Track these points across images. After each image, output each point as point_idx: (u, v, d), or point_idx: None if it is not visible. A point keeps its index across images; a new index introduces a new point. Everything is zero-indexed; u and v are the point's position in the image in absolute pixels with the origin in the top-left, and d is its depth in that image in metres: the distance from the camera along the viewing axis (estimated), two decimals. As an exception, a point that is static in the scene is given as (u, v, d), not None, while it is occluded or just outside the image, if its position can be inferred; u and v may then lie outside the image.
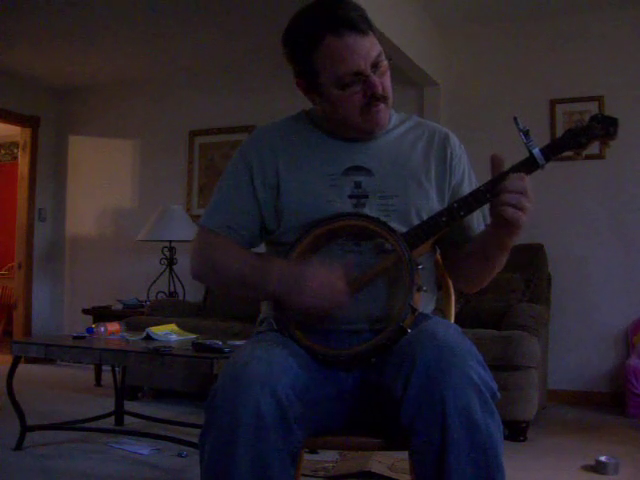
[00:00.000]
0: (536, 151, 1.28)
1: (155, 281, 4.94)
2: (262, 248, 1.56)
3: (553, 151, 1.29)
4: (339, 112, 1.39)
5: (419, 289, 1.28)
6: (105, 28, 4.43)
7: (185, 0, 3.98)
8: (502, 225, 1.26)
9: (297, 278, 1.29)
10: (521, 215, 1.22)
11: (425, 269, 1.38)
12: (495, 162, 1.29)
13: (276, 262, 1.36)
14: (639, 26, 4.06)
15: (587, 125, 1.30)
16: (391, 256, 1.32)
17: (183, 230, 4.67)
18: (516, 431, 3.15)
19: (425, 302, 1.45)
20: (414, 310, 1.27)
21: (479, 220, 1.47)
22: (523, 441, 3.15)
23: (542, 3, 4.08)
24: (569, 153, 1.32)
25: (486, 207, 1.32)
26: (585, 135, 1.29)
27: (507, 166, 1.30)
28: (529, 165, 1.28)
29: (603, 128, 1.29)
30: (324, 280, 1.28)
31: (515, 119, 1.29)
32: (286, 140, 1.47)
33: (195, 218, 4.90)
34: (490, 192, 1.28)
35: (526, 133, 1.28)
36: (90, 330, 3.21)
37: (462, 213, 1.32)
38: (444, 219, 1.32)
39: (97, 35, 4.56)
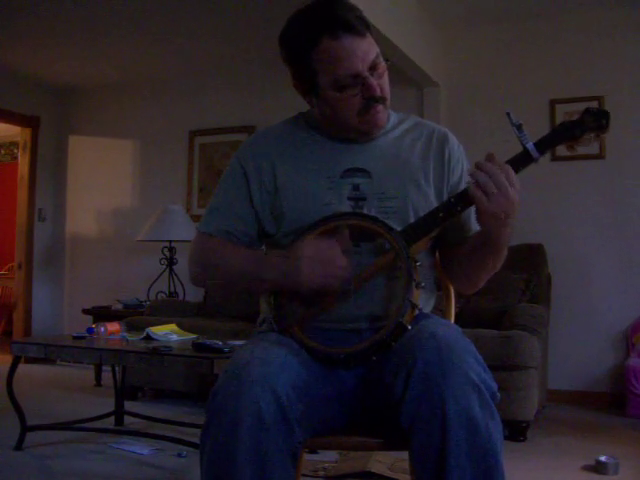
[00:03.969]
0: (529, 145, 1.28)
1: (155, 281, 4.94)
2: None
3: (547, 144, 1.29)
4: (337, 114, 1.38)
5: (418, 285, 1.28)
6: (105, 28, 4.43)
7: (185, 1, 3.98)
8: (478, 214, 1.26)
9: (293, 259, 1.29)
10: (481, 195, 1.22)
11: (424, 267, 1.38)
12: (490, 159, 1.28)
13: (272, 252, 1.37)
14: (639, 26, 4.06)
15: (580, 118, 1.30)
16: (389, 253, 1.32)
17: (183, 230, 4.67)
18: (516, 431, 3.15)
19: (425, 301, 1.45)
20: (413, 306, 1.27)
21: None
22: (523, 441, 3.15)
23: (542, 3, 4.08)
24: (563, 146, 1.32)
25: None
26: (578, 128, 1.29)
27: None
28: (523, 159, 1.28)
29: (596, 121, 1.29)
30: (320, 255, 1.27)
31: (508, 114, 1.28)
32: (283, 143, 1.46)
33: (195, 218, 4.90)
34: None
35: (519, 127, 1.28)
36: (90, 330, 3.21)
37: (459, 208, 1.31)
38: (441, 214, 1.31)
39: (97, 35, 4.56)
